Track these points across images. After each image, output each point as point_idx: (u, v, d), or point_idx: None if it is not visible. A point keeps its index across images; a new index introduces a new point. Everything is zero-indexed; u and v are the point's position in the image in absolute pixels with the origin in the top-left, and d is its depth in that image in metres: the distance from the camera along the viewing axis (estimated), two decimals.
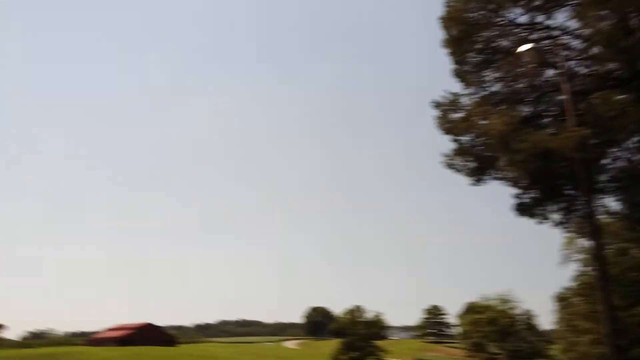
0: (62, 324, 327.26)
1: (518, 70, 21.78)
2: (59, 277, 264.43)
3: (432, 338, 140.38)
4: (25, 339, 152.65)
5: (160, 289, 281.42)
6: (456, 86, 23.98)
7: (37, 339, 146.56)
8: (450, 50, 23.32)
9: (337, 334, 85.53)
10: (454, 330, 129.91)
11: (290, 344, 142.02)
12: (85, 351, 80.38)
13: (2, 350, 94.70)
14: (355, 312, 78.12)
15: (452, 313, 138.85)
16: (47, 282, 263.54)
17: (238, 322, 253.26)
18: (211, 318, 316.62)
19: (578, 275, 42.12)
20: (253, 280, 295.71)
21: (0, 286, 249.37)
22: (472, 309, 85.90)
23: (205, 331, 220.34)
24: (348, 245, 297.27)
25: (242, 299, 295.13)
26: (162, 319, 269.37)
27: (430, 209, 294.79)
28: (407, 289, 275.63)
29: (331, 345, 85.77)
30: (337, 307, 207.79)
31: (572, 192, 22.84)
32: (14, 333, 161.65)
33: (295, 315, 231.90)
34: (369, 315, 77.23)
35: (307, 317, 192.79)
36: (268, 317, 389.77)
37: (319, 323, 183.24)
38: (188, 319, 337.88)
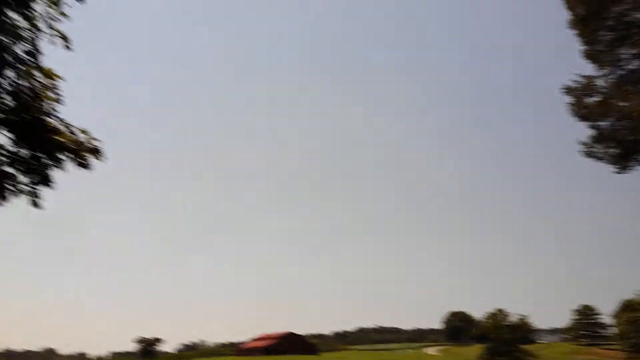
0: (213, 335, 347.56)
1: None
2: (206, 289, 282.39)
3: (584, 340, 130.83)
4: (179, 350, 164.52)
5: (299, 297, 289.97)
6: (588, 68, 22.34)
7: (190, 351, 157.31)
8: (577, 31, 21.80)
9: (479, 339, 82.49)
10: (609, 331, 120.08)
11: (431, 350, 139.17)
12: None
13: None
14: (498, 316, 75.03)
15: (606, 312, 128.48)
16: (197, 294, 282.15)
17: (375, 329, 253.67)
18: (348, 325, 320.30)
19: None
20: (390, 285, 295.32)
21: (156, 302, 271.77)
22: (629, 307, 78.97)
23: (343, 339, 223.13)
24: (488, 245, 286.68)
25: (379, 305, 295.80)
26: (301, 328, 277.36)
27: (576, 202, 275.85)
28: (555, 289, 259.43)
29: (474, 351, 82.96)
30: (478, 311, 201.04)
31: None
32: (170, 346, 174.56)
33: (434, 320, 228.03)
34: (514, 318, 73.67)
35: (446, 322, 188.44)
36: (406, 323, 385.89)
37: (459, 328, 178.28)
38: (326, 327, 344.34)
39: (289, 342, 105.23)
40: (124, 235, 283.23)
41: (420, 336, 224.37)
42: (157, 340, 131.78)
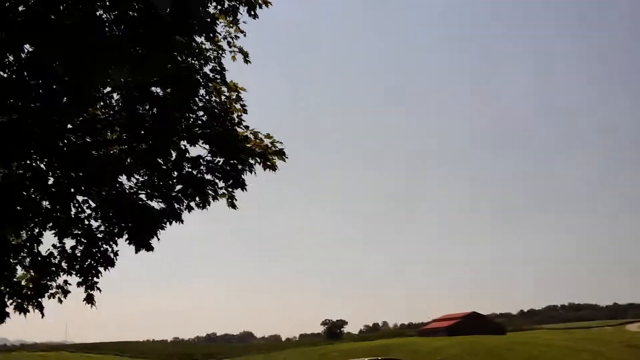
0: (395, 317, 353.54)
1: None
2: (388, 271, 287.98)
3: None
4: (362, 332, 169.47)
5: (481, 275, 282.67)
6: None
7: (373, 332, 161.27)
8: None
9: None
10: None
11: (635, 327, 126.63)
12: (417, 342, 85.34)
13: (344, 343, 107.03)
14: None
15: None
16: (379, 277, 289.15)
17: (566, 307, 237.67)
18: (536, 304, 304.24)
19: None
20: (580, 259, 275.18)
21: (341, 286, 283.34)
22: None
23: (531, 318, 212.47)
24: None
25: (569, 280, 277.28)
26: (485, 307, 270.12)
27: None
28: None
29: None
30: None
31: None
32: (354, 327, 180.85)
33: (637, 294, 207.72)
34: None
35: None
36: (602, 299, 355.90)
37: None
38: (512, 306, 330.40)
39: (473, 322, 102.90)
40: (304, 227, 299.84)
41: (619, 312, 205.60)
42: (342, 322, 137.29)
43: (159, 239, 9.96)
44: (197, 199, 9.80)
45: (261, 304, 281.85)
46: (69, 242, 10.10)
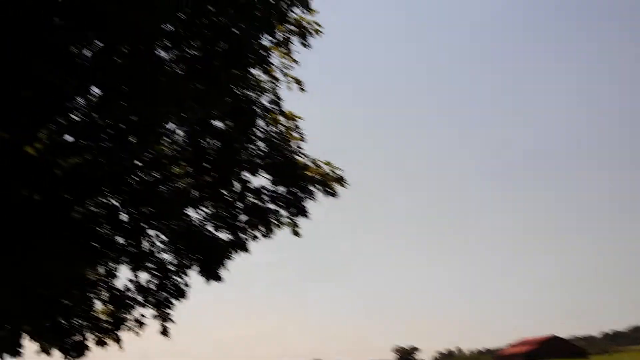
0: (470, 342, 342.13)
1: None
2: (460, 294, 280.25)
3: None
4: (437, 359, 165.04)
5: (560, 296, 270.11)
6: None
7: (447, 359, 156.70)
8: None
9: None
10: None
11: None
12: None
13: None
14: None
15: None
16: (451, 300, 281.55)
17: None
18: (620, 325, 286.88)
19: None
20: None
21: (411, 309, 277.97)
22: None
23: (616, 340, 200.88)
24: None
25: None
26: (565, 330, 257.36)
27: None
28: None
29: None
30: None
31: None
32: (427, 354, 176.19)
33: None
34: None
35: None
36: None
37: None
38: (594, 328, 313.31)
39: (552, 346, 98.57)
40: (370, 250, 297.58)
41: None
42: (415, 349, 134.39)
43: (227, 270, 10.24)
44: (262, 228, 10.02)
45: (329, 329, 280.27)
46: (143, 276, 10.53)
